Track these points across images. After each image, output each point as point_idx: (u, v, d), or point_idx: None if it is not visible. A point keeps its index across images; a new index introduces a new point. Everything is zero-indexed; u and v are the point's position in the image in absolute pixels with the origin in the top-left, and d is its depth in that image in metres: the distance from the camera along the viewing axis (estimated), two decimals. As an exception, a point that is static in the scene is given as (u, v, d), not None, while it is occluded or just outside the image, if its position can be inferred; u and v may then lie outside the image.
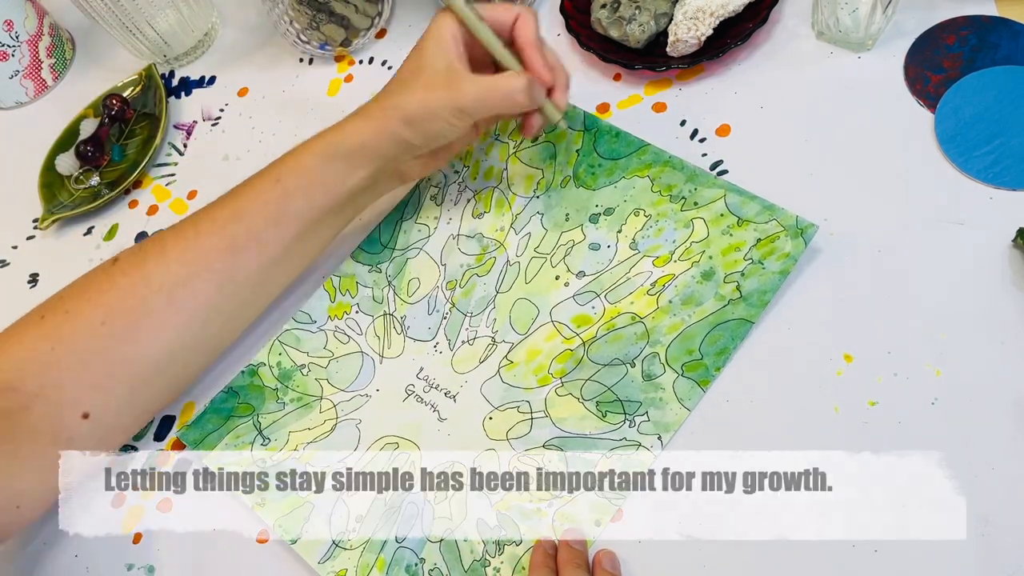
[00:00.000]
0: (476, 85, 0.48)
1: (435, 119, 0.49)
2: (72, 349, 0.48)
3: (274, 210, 0.50)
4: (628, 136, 0.57)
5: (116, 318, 0.49)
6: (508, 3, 0.51)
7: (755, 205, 0.52)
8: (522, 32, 0.49)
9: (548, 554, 0.45)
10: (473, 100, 0.48)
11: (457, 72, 0.48)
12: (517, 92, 0.48)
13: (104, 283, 0.50)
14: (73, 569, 0.52)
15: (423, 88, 0.48)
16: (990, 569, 0.41)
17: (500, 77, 0.48)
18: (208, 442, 0.53)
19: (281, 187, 0.50)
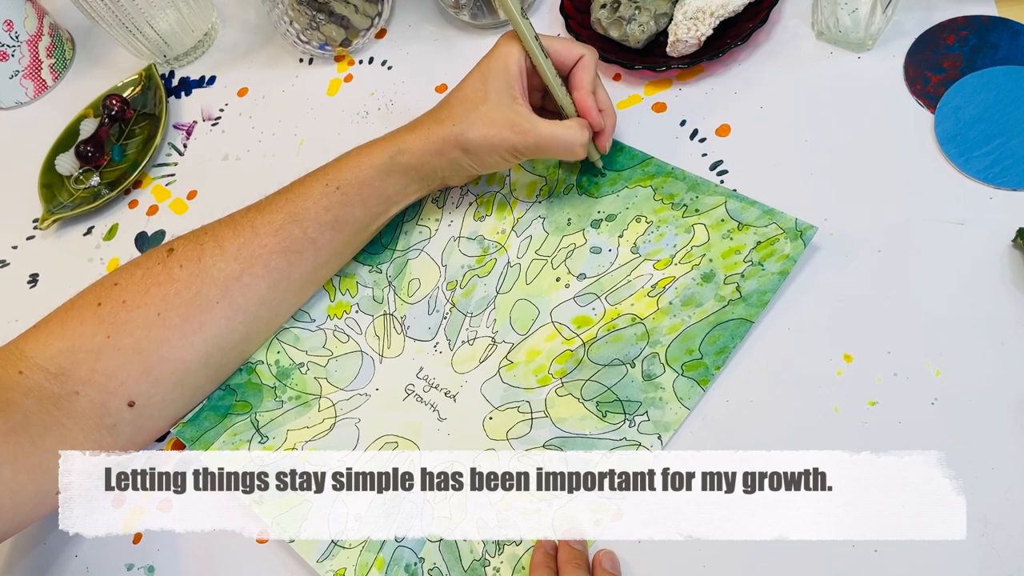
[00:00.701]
0: (539, 133, 0.49)
1: (494, 154, 0.51)
2: (128, 339, 0.49)
3: (333, 217, 0.52)
4: (632, 150, 0.57)
5: (172, 310, 0.50)
6: (572, 42, 0.52)
7: (755, 210, 0.52)
8: (580, 75, 0.51)
9: (548, 554, 0.45)
10: (534, 146, 0.50)
11: (520, 113, 0.50)
12: (576, 146, 0.50)
13: (161, 274, 0.51)
14: (73, 569, 0.52)
15: (486, 123, 0.50)
16: (990, 569, 0.41)
17: (563, 128, 0.50)
18: (205, 440, 0.53)
19: (341, 195, 0.52)
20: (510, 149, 0.50)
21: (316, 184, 0.52)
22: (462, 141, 0.50)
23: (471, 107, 0.50)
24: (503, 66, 0.50)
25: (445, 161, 0.51)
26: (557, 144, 0.50)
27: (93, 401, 0.49)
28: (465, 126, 0.50)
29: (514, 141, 0.49)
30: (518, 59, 0.50)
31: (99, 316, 0.50)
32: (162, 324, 0.50)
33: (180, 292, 0.50)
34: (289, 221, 0.51)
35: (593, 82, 0.51)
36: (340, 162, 0.53)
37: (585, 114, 0.51)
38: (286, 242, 0.51)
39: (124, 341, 0.49)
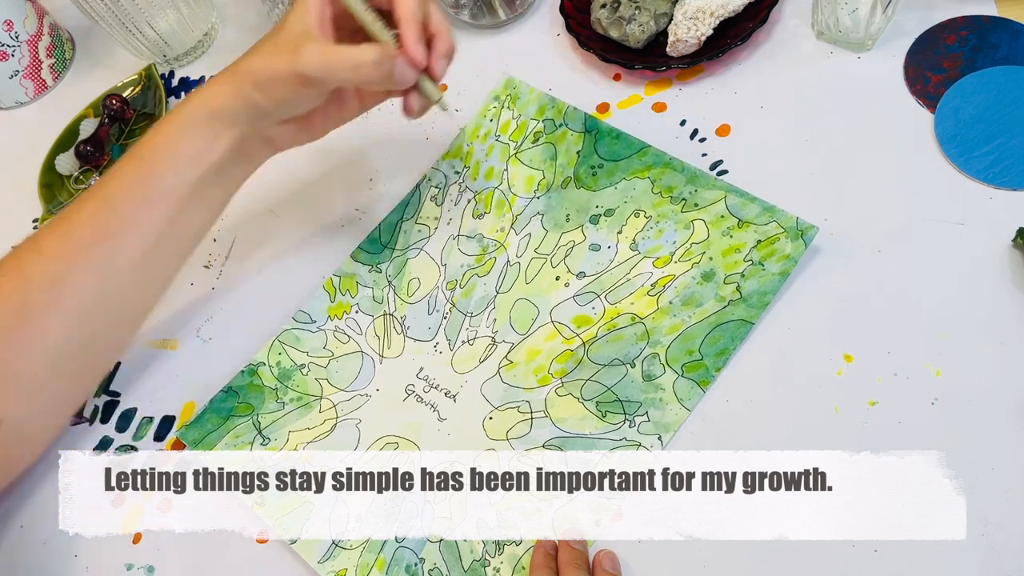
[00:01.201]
0: (320, 52, 0.44)
1: (280, 84, 0.46)
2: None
3: (143, 190, 0.48)
4: (629, 138, 0.57)
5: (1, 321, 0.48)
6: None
7: (755, 207, 0.52)
8: (400, 6, 0.46)
9: (549, 554, 0.45)
10: (316, 67, 0.45)
11: (308, 38, 0.45)
12: (365, 64, 0.44)
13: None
14: (73, 569, 0.52)
15: (270, 52, 0.46)
16: (990, 569, 0.41)
17: (350, 48, 0.44)
18: (208, 442, 0.53)
19: (146, 165, 0.49)
20: (294, 75, 0.45)
21: (124, 161, 0.49)
22: (250, 75, 0.46)
23: (264, 42, 0.47)
24: (300, 6, 0.46)
25: (243, 103, 0.47)
26: (342, 63, 0.44)
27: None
28: (253, 58, 0.47)
29: (295, 64, 0.44)
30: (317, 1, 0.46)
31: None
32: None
33: (4, 303, 0.48)
34: (102, 206, 0.48)
35: (418, 9, 0.46)
36: (147, 132, 0.50)
37: (403, 46, 0.46)
38: (103, 230, 0.48)
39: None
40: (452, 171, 0.60)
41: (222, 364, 0.56)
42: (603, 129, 0.58)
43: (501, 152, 0.60)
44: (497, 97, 0.62)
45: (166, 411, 0.56)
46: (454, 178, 0.60)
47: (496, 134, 0.60)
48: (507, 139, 0.60)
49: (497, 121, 0.61)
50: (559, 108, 0.60)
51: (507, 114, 0.61)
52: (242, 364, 0.56)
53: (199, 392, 0.56)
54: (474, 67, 0.65)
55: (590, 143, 0.58)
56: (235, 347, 0.56)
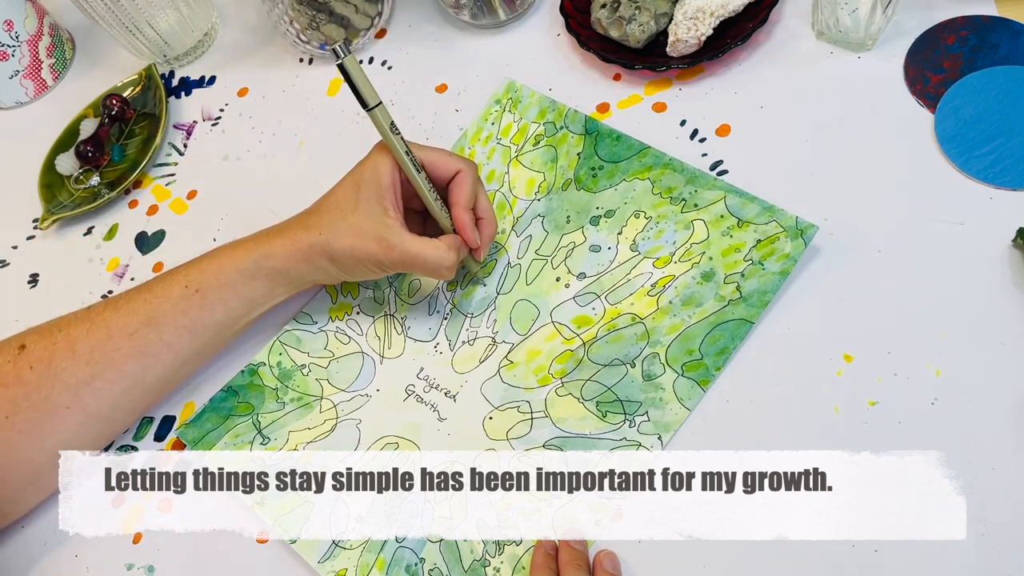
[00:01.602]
0: (405, 250, 0.48)
1: (360, 266, 0.50)
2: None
3: (191, 320, 0.51)
4: (628, 139, 0.57)
5: (20, 414, 0.49)
6: (450, 154, 0.51)
7: (755, 206, 0.52)
8: (456, 191, 0.50)
9: (549, 555, 0.45)
10: (400, 262, 0.49)
11: (389, 226, 0.48)
12: (442, 268, 0.49)
13: (11, 375, 0.49)
14: (73, 569, 0.52)
15: (354, 234, 0.48)
16: (990, 569, 0.41)
17: (431, 248, 0.48)
18: (207, 441, 0.53)
19: (200, 297, 0.50)
20: (376, 262, 0.49)
21: (175, 285, 0.51)
22: (328, 250, 0.49)
23: (340, 216, 0.49)
24: (374, 176, 0.49)
25: (312, 267, 0.50)
26: (423, 264, 0.48)
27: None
28: (332, 235, 0.49)
29: (380, 256, 0.48)
30: (390, 170, 0.49)
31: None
32: (10, 427, 0.49)
33: (29, 395, 0.49)
34: (145, 324, 0.50)
35: (471, 196, 0.50)
36: (202, 262, 0.52)
37: (460, 231, 0.50)
38: (141, 346, 0.50)
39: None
40: (452, 171, 0.60)
41: (222, 364, 0.56)
42: (603, 131, 0.58)
43: (502, 155, 0.60)
44: (498, 100, 0.62)
45: (166, 411, 0.56)
46: (454, 178, 0.60)
47: (497, 137, 0.60)
48: (508, 142, 0.60)
49: (498, 124, 0.61)
50: (560, 111, 0.60)
51: (508, 117, 0.61)
52: (242, 364, 0.56)
53: (199, 392, 0.56)
54: (474, 67, 0.65)
55: (590, 145, 0.58)
56: (235, 347, 0.56)
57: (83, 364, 0.49)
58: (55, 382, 0.49)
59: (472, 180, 0.50)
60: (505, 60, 0.64)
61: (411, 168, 0.49)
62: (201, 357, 0.54)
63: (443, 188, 0.51)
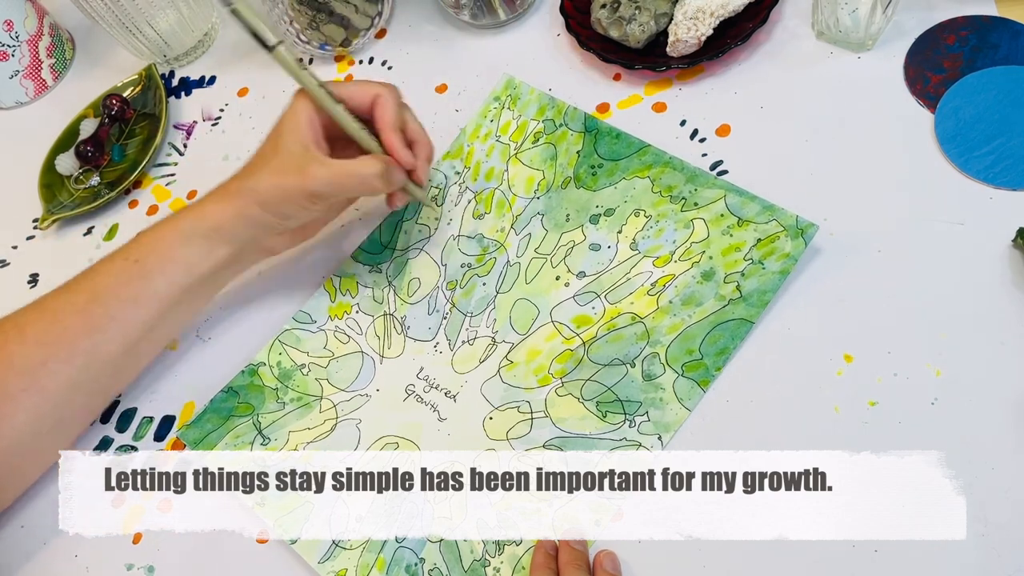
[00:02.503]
0: (328, 170, 0.48)
1: (288, 202, 0.49)
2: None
3: (133, 291, 0.50)
4: (628, 137, 0.57)
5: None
6: (368, 82, 0.51)
7: (755, 205, 0.52)
8: (380, 114, 0.50)
9: (549, 555, 0.45)
10: (325, 184, 0.48)
11: (310, 156, 0.48)
12: (371, 178, 0.48)
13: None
14: (73, 569, 0.52)
15: (276, 172, 0.49)
16: (990, 569, 0.41)
17: (354, 163, 0.48)
18: (208, 441, 0.53)
19: (139, 267, 0.50)
20: (304, 193, 0.49)
21: (117, 258, 0.51)
22: (255, 195, 0.49)
23: (263, 162, 0.50)
24: (293, 120, 0.49)
25: (245, 221, 0.50)
26: (351, 178, 0.48)
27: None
28: (256, 179, 0.49)
29: (305, 184, 0.48)
30: (306, 111, 0.49)
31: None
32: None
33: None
34: (90, 300, 0.50)
35: (395, 117, 0.50)
36: (142, 234, 0.52)
37: (391, 152, 0.50)
38: (89, 322, 0.50)
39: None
40: (452, 171, 0.60)
41: (222, 364, 0.56)
42: (603, 129, 0.58)
43: (501, 152, 0.60)
44: (497, 97, 0.62)
45: (166, 411, 0.56)
46: (454, 179, 0.60)
47: (496, 134, 0.60)
48: (507, 139, 0.60)
49: (497, 121, 0.61)
50: (559, 108, 0.60)
51: (507, 114, 0.61)
52: (242, 364, 0.56)
53: (199, 392, 0.56)
54: (474, 67, 0.65)
55: (590, 143, 0.58)
56: (235, 347, 0.56)
57: (33, 346, 0.49)
58: (7, 368, 0.49)
59: (394, 101, 0.50)
60: (505, 60, 0.64)
61: (327, 100, 0.48)
62: (154, 332, 0.52)
63: (368, 117, 0.51)
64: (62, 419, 0.52)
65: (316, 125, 0.49)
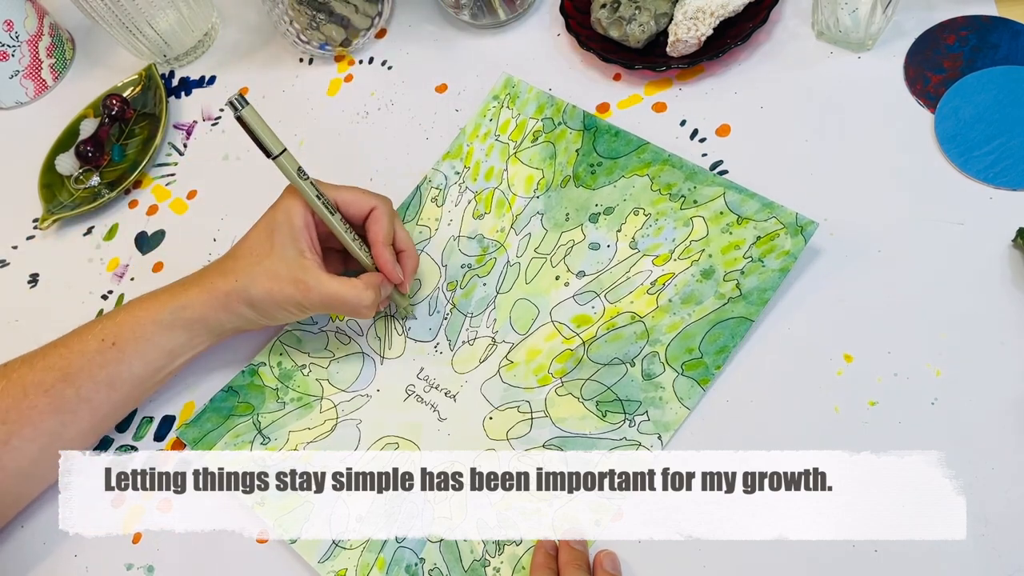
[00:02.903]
0: (321, 290, 0.48)
1: (279, 310, 0.49)
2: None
3: (108, 374, 0.50)
4: (627, 135, 0.57)
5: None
6: (364, 192, 0.51)
7: (755, 203, 0.52)
8: (375, 228, 0.50)
9: (549, 555, 0.45)
10: (318, 303, 0.49)
11: (306, 268, 0.48)
12: (361, 307, 0.49)
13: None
14: (73, 569, 0.52)
15: (270, 277, 0.48)
16: (990, 569, 0.41)
17: (348, 287, 0.48)
18: (207, 441, 0.53)
19: (116, 351, 0.50)
20: (295, 304, 0.49)
21: (91, 339, 0.50)
22: (246, 296, 0.49)
23: (255, 260, 0.49)
24: (287, 219, 0.49)
25: (231, 315, 0.50)
26: (342, 304, 0.48)
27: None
28: (248, 280, 0.49)
29: (298, 298, 0.48)
30: (302, 211, 0.49)
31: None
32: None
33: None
34: (61, 380, 0.49)
35: (389, 232, 0.50)
36: (118, 315, 0.51)
37: (381, 267, 0.50)
38: (58, 403, 0.49)
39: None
40: (452, 172, 0.60)
41: (222, 364, 0.56)
42: (601, 127, 0.58)
43: (501, 152, 0.60)
44: (496, 96, 0.62)
45: (166, 411, 0.56)
46: (454, 179, 0.60)
47: (496, 133, 0.60)
48: (507, 138, 0.60)
49: (496, 120, 0.61)
50: (558, 106, 0.60)
51: (506, 113, 0.61)
52: (242, 364, 0.56)
53: (199, 392, 0.56)
54: (474, 67, 0.65)
55: (589, 141, 0.58)
56: (235, 347, 0.56)
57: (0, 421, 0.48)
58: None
59: (388, 215, 0.50)
60: (505, 60, 0.64)
61: (324, 211, 0.49)
62: (122, 410, 0.52)
63: (360, 226, 0.51)
64: (20, 495, 0.52)
65: (311, 227, 0.50)
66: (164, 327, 0.50)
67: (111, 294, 0.63)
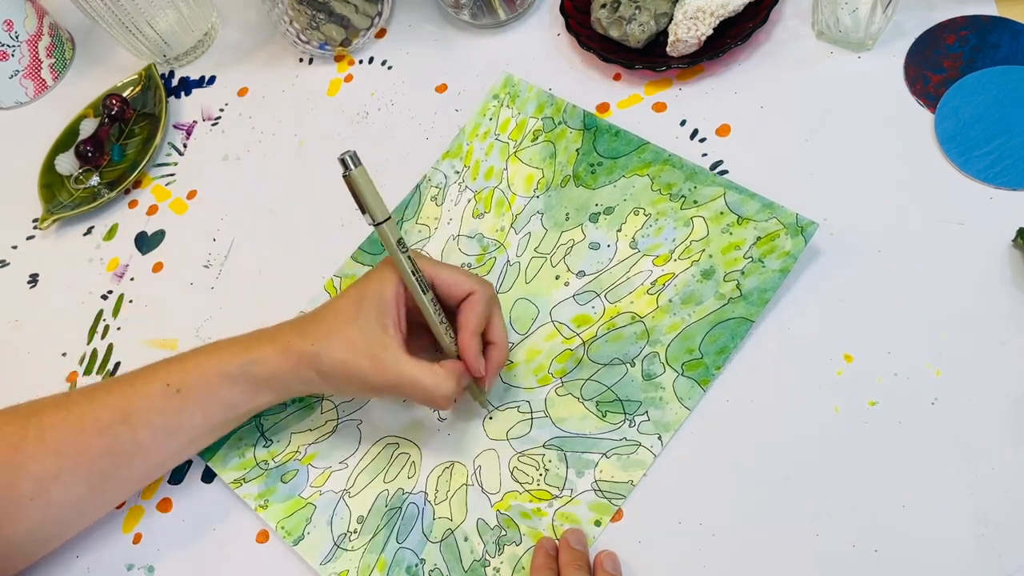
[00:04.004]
0: (398, 372, 0.45)
1: (348, 384, 0.47)
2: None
3: (167, 422, 0.48)
4: (628, 134, 0.57)
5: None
6: (466, 274, 0.48)
7: (755, 203, 0.52)
8: (467, 314, 0.47)
9: (550, 555, 0.45)
10: (392, 386, 0.45)
11: (386, 343, 0.45)
12: (438, 398, 0.45)
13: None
14: (73, 569, 0.52)
15: (347, 347, 0.45)
16: (990, 569, 0.41)
17: (428, 374, 0.45)
18: (211, 447, 0.53)
19: (179, 399, 0.48)
20: (365, 383, 0.45)
21: (156, 381, 0.48)
22: (317, 363, 0.46)
23: (336, 327, 0.46)
24: (379, 290, 0.46)
25: (299, 379, 0.47)
26: (418, 390, 0.45)
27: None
28: (324, 346, 0.46)
29: (370, 376, 0.45)
30: (395, 286, 0.46)
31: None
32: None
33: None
34: (119, 421, 0.47)
35: (481, 321, 0.47)
36: (187, 360, 0.49)
37: (464, 357, 0.47)
38: (112, 444, 0.47)
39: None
40: (452, 171, 0.60)
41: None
42: (602, 126, 0.58)
43: (501, 151, 0.60)
44: (496, 95, 0.62)
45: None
46: (454, 178, 0.60)
47: (496, 133, 0.60)
48: (506, 138, 0.60)
49: (496, 120, 0.61)
50: (558, 106, 0.60)
51: (506, 112, 0.61)
52: (242, 364, 0.56)
53: (199, 392, 0.56)
54: (474, 67, 0.65)
55: (589, 140, 0.58)
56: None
57: (51, 456, 0.47)
58: (19, 471, 0.47)
59: (485, 303, 0.47)
60: (505, 60, 0.64)
61: (417, 288, 0.46)
62: (175, 459, 0.51)
63: (453, 308, 0.48)
64: (63, 531, 0.50)
65: (401, 304, 0.46)
66: (230, 380, 0.48)
67: (111, 294, 0.63)
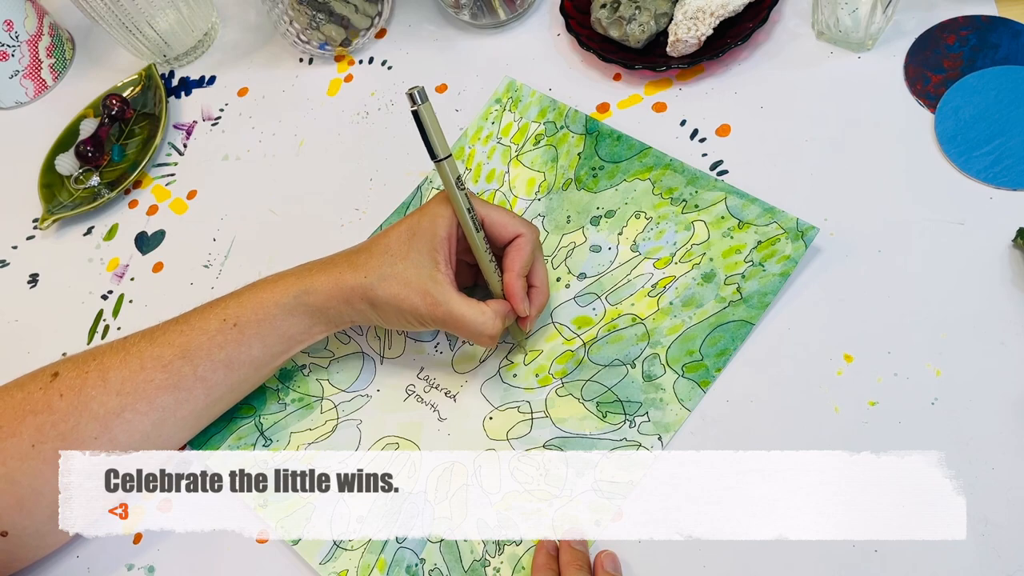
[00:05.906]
0: (449, 310, 0.46)
1: (400, 316, 0.48)
2: (1, 468, 0.47)
3: (227, 354, 0.49)
4: (629, 139, 0.57)
5: (47, 442, 0.47)
6: (513, 216, 0.49)
7: (756, 208, 0.52)
8: (513, 255, 0.48)
9: (551, 555, 0.45)
10: (441, 321, 0.47)
11: (437, 280, 0.46)
12: (485, 336, 0.47)
13: (40, 402, 0.48)
14: (74, 569, 0.52)
15: (400, 282, 0.47)
16: (990, 569, 0.41)
17: (476, 311, 0.46)
18: (211, 444, 0.53)
19: (237, 332, 0.49)
20: (416, 316, 0.47)
21: (213, 317, 0.49)
22: (371, 295, 0.47)
23: (389, 261, 0.47)
24: (431, 226, 0.47)
25: (351, 309, 0.48)
26: (465, 327, 0.47)
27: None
28: (377, 279, 0.47)
29: (421, 310, 0.46)
30: (448, 223, 0.47)
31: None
32: (36, 456, 0.47)
33: (57, 424, 0.47)
34: (179, 357, 0.48)
35: (527, 263, 0.48)
36: (242, 295, 0.50)
37: (510, 297, 0.48)
38: (174, 379, 0.48)
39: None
40: (452, 171, 0.60)
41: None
42: (604, 131, 0.58)
43: (502, 154, 0.60)
44: (499, 99, 0.62)
45: (167, 411, 0.56)
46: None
47: (497, 136, 0.60)
48: (508, 141, 0.60)
49: (499, 123, 0.61)
50: (560, 110, 0.60)
51: (508, 116, 0.61)
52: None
53: (200, 392, 0.56)
54: (474, 67, 0.65)
55: (591, 145, 0.58)
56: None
57: (114, 394, 0.48)
58: (84, 412, 0.48)
59: (532, 246, 0.48)
60: (505, 60, 0.64)
61: (471, 226, 0.47)
62: (235, 394, 0.52)
63: (500, 249, 0.49)
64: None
65: (453, 240, 0.48)
66: (286, 311, 0.49)
67: (111, 294, 0.63)
